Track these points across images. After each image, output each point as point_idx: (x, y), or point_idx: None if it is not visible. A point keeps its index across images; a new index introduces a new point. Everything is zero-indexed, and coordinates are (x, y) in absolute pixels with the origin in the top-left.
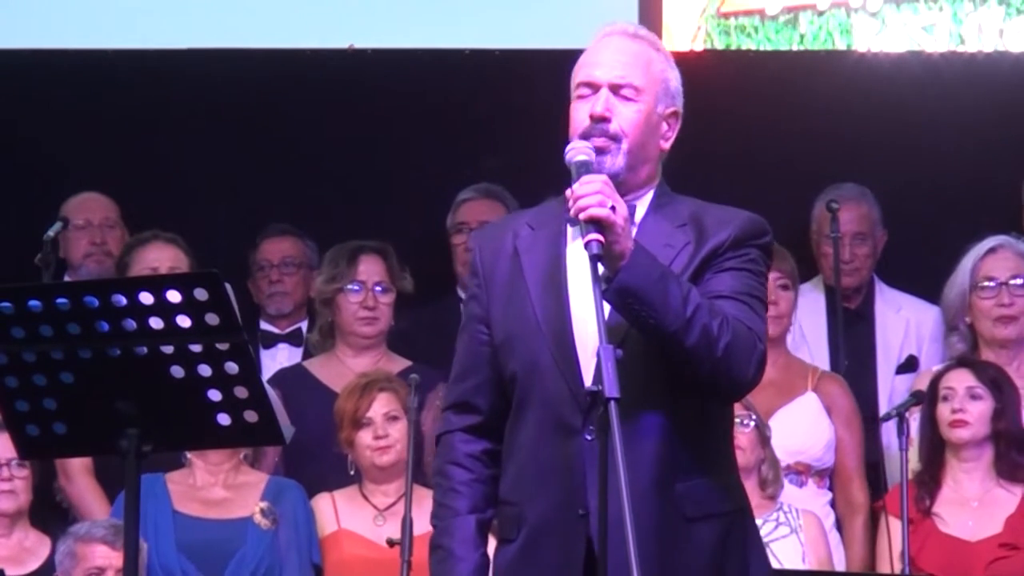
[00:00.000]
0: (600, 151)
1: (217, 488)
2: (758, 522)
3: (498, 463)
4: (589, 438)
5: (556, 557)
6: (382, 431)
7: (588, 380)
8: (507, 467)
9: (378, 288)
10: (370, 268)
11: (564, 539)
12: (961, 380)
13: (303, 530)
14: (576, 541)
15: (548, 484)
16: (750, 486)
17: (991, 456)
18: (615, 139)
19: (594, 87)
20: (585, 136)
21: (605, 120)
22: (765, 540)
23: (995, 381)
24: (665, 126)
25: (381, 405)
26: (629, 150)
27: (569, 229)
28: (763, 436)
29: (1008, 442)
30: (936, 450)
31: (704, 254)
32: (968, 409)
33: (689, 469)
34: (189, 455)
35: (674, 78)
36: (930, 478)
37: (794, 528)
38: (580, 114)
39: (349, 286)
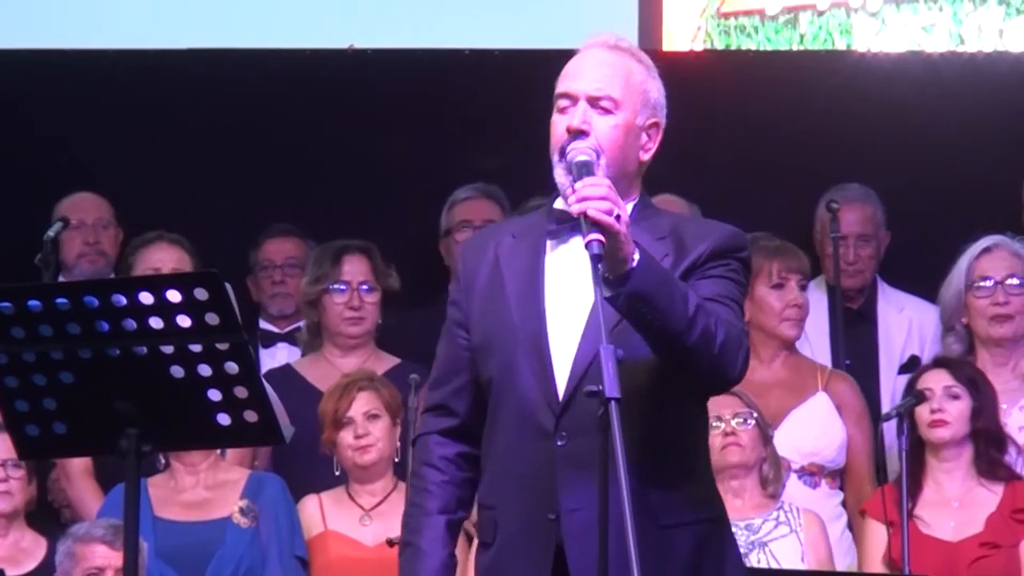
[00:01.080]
0: None
1: (198, 489)
2: (758, 521)
3: (473, 466)
4: (561, 443)
5: (527, 561)
6: (362, 430)
7: (562, 386)
8: (485, 470)
9: (363, 287)
10: (355, 268)
11: (535, 544)
12: (938, 380)
13: (284, 522)
14: (546, 545)
15: (520, 489)
16: (750, 484)
17: (970, 455)
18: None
19: (572, 99)
20: (564, 151)
21: (583, 134)
22: (765, 540)
23: (972, 380)
24: (645, 137)
25: (361, 404)
26: (608, 164)
27: (548, 241)
28: (764, 435)
29: (987, 441)
30: (915, 451)
31: (684, 267)
32: (947, 409)
33: (665, 476)
34: (164, 460)
35: (655, 89)
36: (911, 480)
37: (794, 528)
38: (559, 127)
39: (334, 286)
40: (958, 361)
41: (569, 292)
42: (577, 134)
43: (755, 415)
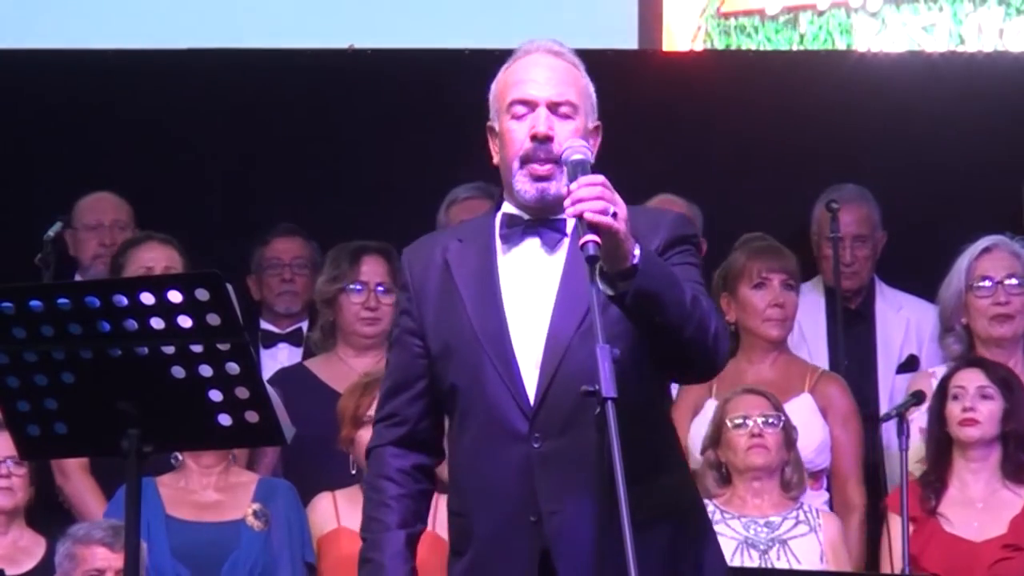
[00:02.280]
0: (544, 179)
1: (209, 490)
2: (777, 519)
3: (428, 478)
4: (536, 446)
5: (509, 565)
6: None
7: (531, 389)
8: (453, 479)
9: (380, 288)
10: (373, 268)
11: (516, 547)
12: (972, 379)
13: (295, 530)
14: (528, 548)
15: (496, 494)
16: (771, 485)
17: (998, 457)
18: (557, 161)
19: (531, 105)
20: (528, 158)
21: (549, 140)
22: (784, 537)
23: (1005, 381)
24: (592, 141)
25: None
26: None
27: (499, 244)
28: (789, 438)
29: (1016, 443)
30: (943, 449)
31: None
32: (979, 408)
33: (641, 469)
34: (182, 457)
35: (593, 91)
36: (936, 478)
37: (813, 527)
38: (519, 134)
39: (351, 286)
40: (992, 362)
41: (527, 294)
42: (544, 140)
43: (782, 418)
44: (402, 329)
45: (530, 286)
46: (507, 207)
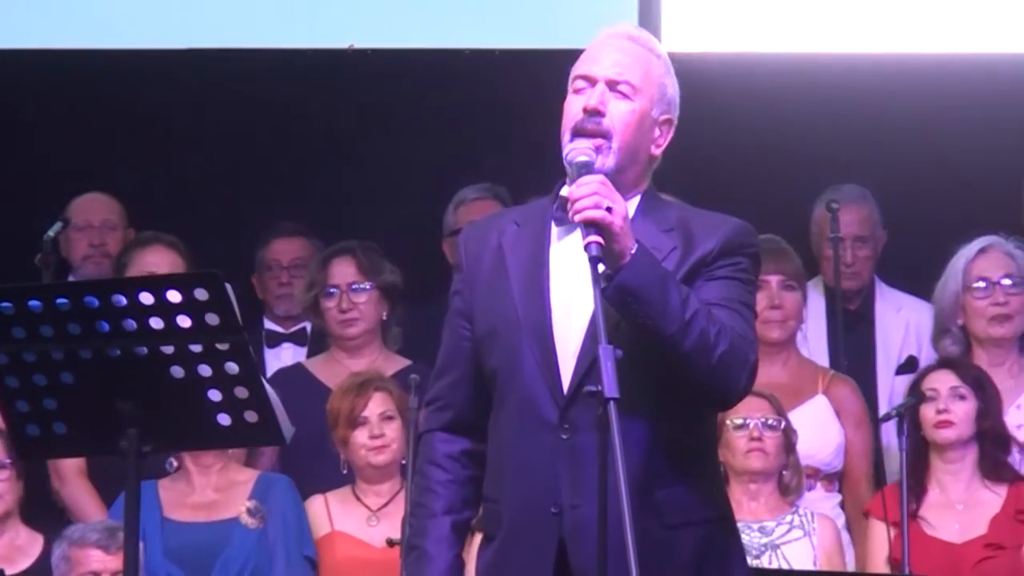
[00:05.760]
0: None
1: (207, 490)
2: (771, 524)
3: (477, 463)
4: (565, 437)
5: (528, 555)
6: (378, 430)
7: (567, 378)
8: (488, 463)
9: (352, 288)
10: (342, 270)
11: (535, 537)
12: (944, 381)
13: (292, 523)
14: (547, 539)
15: (522, 482)
16: (768, 489)
17: (975, 457)
18: (606, 136)
19: (591, 81)
20: (578, 130)
21: (599, 113)
22: (777, 542)
23: (978, 381)
24: (657, 132)
25: (377, 405)
26: (619, 148)
27: (554, 228)
28: (789, 441)
29: (992, 442)
30: (920, 452)
31: (693, 261)
32: (952, 409)
33: (671, 475)
34: (176, 463)
35: (671, 85)
36: (915, 481)
37: (807, 531)
38: (574, 106)
39: (325, 291)
40: (964, 362)
41: (574, 283)
42: (593, 113)
43: (783, 422)
44: (453, 310)
45: (578, 275)
46: (566, 189)
